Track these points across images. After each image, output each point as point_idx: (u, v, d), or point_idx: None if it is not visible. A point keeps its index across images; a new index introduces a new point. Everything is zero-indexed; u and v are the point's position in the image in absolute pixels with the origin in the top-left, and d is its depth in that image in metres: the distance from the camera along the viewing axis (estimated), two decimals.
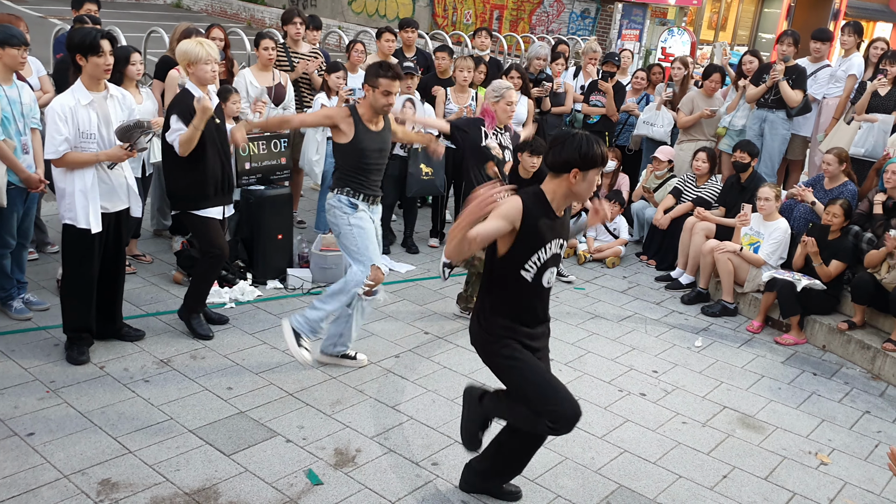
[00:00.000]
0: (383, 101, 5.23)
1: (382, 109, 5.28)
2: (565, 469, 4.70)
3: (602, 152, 3.75)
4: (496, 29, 19.94)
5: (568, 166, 3.71)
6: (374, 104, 5.25)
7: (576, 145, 3.70)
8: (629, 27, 18.92)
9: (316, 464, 4.53)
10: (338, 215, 5.34)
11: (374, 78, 5.18)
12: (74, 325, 5.36)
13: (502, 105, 6.25)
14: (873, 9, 27.65)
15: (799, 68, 8.37)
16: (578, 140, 3.72)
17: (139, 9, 26.41)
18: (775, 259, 7.26)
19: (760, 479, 4.81)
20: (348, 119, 5.24)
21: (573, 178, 3.72)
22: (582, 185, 3.75)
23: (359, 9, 23.94)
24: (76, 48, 4.92)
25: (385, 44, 8.87)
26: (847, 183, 7.40)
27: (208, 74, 5.49)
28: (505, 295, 3.88)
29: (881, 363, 6.36)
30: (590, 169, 3.73)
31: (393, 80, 5.17)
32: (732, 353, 6.57)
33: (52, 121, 4.90)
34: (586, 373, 5.93)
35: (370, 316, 6.46)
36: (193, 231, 5.91)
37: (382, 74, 5.15)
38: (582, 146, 3.70)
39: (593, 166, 3.74)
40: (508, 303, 3.88)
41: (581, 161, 3.70)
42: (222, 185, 5.72)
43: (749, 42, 23.59)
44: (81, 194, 5.06)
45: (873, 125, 7.83)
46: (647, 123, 9.21)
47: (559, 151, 3.74)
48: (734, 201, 7.78)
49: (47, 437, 4.52)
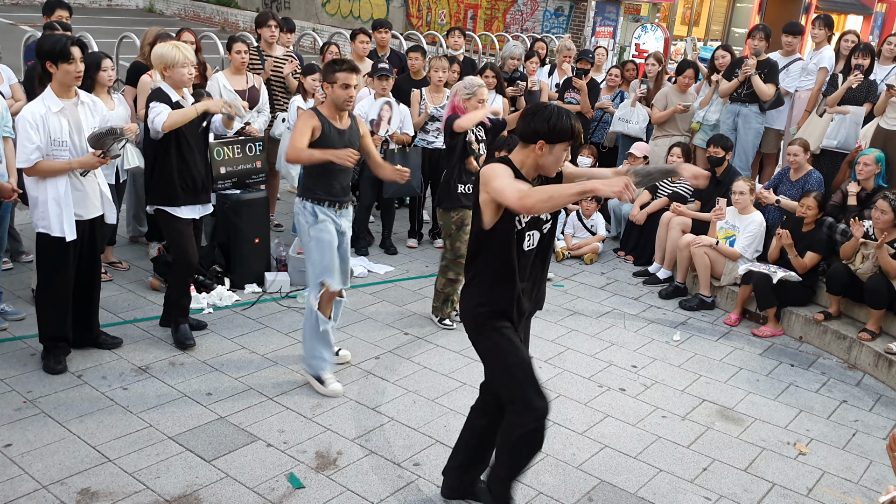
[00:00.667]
0: (343, 95, 5.13)
1: (344, 104, 5.18)
2: (546, 465, 4.72)
3: (572, 126, 3.62)
4: (470, 28, 19.95)
5: (535, 136, 3.63)
6: (335, 100, 5.17)
7: (545, 116, 3.61)
8: (603, 24, 18.99)
9: (297, 467, 4.52)
10: (301, 223, 5.29)
11: (331, 74, 5.12)
12: (51, 334, 5.32)
13: (474, 103, 6.20)
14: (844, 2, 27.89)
15: (771, 62, 8.44)
16: (549, 111, 3.63)
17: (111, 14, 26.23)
18: (751, 252, 7.32)
19: (740, 471, 4.85)
20: (313, 120, 5.15)
21: (539, 149, 3.65)
22: (548, 157, 3.67)
23: (333, 10, 23.89)
24: (46, 55, 4.89)
25: (359, 45, 8.87)
26: (812, 171, 7.51)
27: (185, 77, 5.49)
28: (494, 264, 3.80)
29: (857, 353, 6.43)
30: (556, 142, 3.64)
31: (350, 72, 5.10)
32: (710, 346, 6.61)
33: (23, 129, 4.86)
34: (566, 369, 5.96)
35: (348, 317, 6.47)
36: (164, 233, 5.89)
37: (338, 69, 5.09)
38: (551, 118, 3.61)
39: (560, 140, 3.64)
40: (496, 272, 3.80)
41: (548, 133, 3.61)
42: (195, 183, 5.68)
43: (722, 37, 23.75)
44: (55, 202, 5.02)
45: (845, 117, 7.91)
46: (623, 120, 9.26)
47: (529, 121, 3.66)
48: (710, 195, 7.83)
49: (25, 447, 4.49)
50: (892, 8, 30.75)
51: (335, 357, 5.62)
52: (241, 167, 7.03)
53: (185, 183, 5.64)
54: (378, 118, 7.67)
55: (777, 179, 7.82)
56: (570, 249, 8.50)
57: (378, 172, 5.65)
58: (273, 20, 8.11)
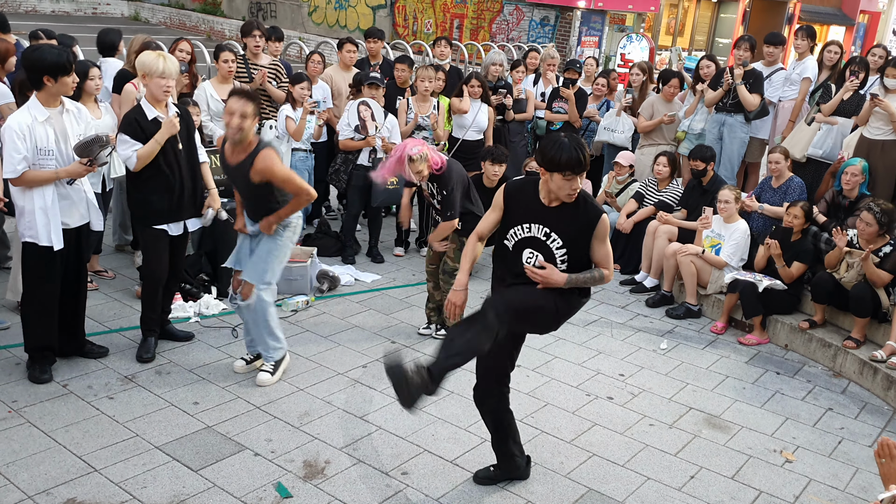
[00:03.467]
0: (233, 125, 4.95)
1: (233, 135, 5.00)
2: (534, 474, 4.72)
3: (567, 160, 3.84)
4: (456, 38, 20.01)
5: (540, 164, 3.98)
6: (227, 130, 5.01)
7: (546, 147, 3.93)
8: (588, 34, 19.09)
9: (285, 477, 4.50)
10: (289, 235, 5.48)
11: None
12: (36, 343, 5.28)
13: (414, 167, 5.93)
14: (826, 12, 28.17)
15: (756, 72, 8.50)
16: (551, 142, 3.93)
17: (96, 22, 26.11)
18: (736, 260, 7.36)
19: (727, 479, 4.87)
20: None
21: (544, 174, 3.98)
22: (551, 183, 3.97)
23: (319, 19, 23.91)
24: (49, 69, 4.83)
25: (346, 55, 8.89)
26: (793, 177, 7.60)
27: (160, 90, 5.33)
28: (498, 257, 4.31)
29: (842, 360, 6.47)
30: (552, 171, 3.91)
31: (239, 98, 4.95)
32: (697, 354, 6.64)
33: (9, 140, 4.83)
34: (553, 378, 5.96)
35: (335, 326, 6.46)
36: (140, 241, 5.85)
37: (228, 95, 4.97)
38: (547, 149, 3.92)
39: (554, 170, 3.90)
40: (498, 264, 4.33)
41: (543, 162, 3.94)
42: (181, 199, 5.58)
43: (706, 47, 23.92)
44: (42, 212, 5.00)
45: (832, 127, 7.99)
46: (608, 129, 9.29)
47: (539, 149, 4.04)
48: (696, 203, 7.87)
49: (10, 457, 4.46)
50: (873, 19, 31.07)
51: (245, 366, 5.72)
52: None
53: (166, 201, 5.50)
54: (361, 121, 7.67)
55: (760, 188, 7.88)
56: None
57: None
58: (258, 29, 8.11)
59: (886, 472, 2.95)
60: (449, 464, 4.76)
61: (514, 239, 4.14)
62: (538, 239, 4.09)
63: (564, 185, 3.93)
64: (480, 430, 5.13)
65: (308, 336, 6.34)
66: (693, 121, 8.90)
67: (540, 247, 4.10)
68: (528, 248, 4.11)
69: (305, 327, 6.49)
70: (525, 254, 4.12)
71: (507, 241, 4.18)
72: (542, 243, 4.09)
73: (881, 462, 2.97)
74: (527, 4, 19.36)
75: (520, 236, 4.12)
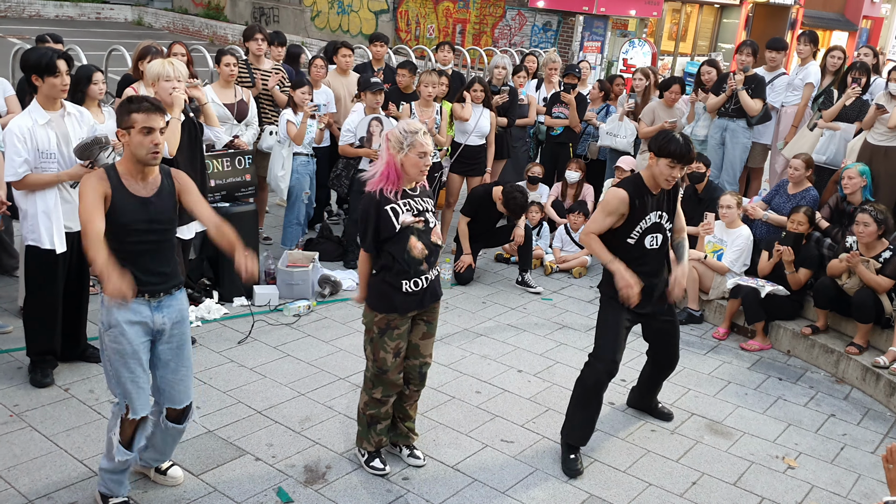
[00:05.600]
0: (147, 144, 3.74)
1: (147, 157, 3.77)
2: (535, 480, 4.71)
3: (675, 149, 4.51)
4: (459, 43, 20.04)
5: (651, 149, 4.69)
6: (135, 151, 3.76)
7: (660, 136, 4.64)
8: (591, 39, 19.11)
9: (286, 481, 4.50)
10: (100, 328, 3.93)
11: (126, 116, 3.73)
12: (38, 347, 5.29)
13: (411, 156, 4.35)
14: (829, 18, 28.19)
15: (758, 78, 8.50)
16: (665, 134, 4.65)
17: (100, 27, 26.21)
18: (739, 266, 7.35)
19: (729, 485, 4.86)
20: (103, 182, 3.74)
21: (652, 158, 4.65)
22: (655, 168, 4.63)
23: (322, 24, 23.96)
24: (32, 68, 4.88)
25: (342, 59, 8.87)
26: (810, 188, 7.52)
27: (166, 93, 5.44)
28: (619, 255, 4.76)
29: (845, 367, 6.46)
30: (661, 157, 4.58)
31: (150, 112, 3.73)
32: (699, 360, 6.63)
33: (10, 143, 4.85)
34: (555, 383, 5.96)
35: (336, 329, 6.45)
36: None
37: (135, 109, 3.73)
38: (661, 138, 4.62)
39: (663, 156, 4.57)
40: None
41: (655, 148, 4.62)
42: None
43: (709, 52, 23.92)
44: (44, 215, 5.01)
45: (835, 133, 7.98)
46: (610, 134, 9.30)
47: (653, 138, 4.72)
48: (692, 212, 7.86)
49: (11, 461, 4.45)
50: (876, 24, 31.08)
51: (162, 477, 4.40)
52: (231, 180, 7.02)
53: None
54: (368, 134, 7.68)
55: (775, 191, 7.82)
56: (559, 263, 8.52)
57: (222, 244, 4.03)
58: (260, 34, 8.12)
59: (894, 477, 2.95)
60: (450, 469, 4.75)
61: (640, 231, 4.73)
62: (658, 224, 4.77)
63: (665, 171, 4.58)
64: (482, 435, 5.14)
65: (309, 341, 6.34)
66: (696, 126, 8.90)
67: (658, 229, 4.79)
68: (650, 235, 4.77)
69: (307, 332, 6.49)
70: (647, 240, 4.77)
71: (632, 237, 4.73)
72: (660, 226, 4.79)
73: (889, 468, 2.97)
74: (529, 9, 19.39)
75: (644, 227, 4.73)
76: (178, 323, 4.01)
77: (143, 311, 3.85)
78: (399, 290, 4.37)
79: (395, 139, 4.33)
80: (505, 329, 6.91)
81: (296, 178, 7.78)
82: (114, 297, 3.52)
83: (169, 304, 3.94)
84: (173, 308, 3.97)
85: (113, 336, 3.81)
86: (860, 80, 7.93)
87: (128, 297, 3.53)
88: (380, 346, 4.47)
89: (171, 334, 3.99)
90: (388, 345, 4.46)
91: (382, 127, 7.72)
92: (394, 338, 4.45)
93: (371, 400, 4.59)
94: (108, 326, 3.82)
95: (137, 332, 3.85)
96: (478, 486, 4.61)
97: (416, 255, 4.36)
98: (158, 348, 3.99)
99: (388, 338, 4.45)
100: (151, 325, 3.89)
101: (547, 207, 9.11)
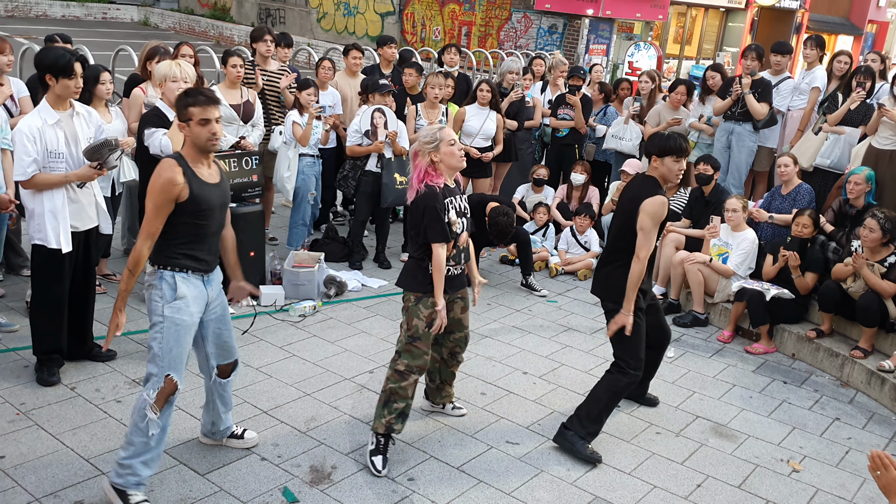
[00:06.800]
0: (205, 134, 4.04)
1: (207, 145, 4.07)
2: (541, 482, 4.72)
3: (674, 144, 4.83)
4: (465, 45, 20.05)
5: (649, 154, 4.96)
6: (195, 141, 4.06)
7: (654, 138, 4.98)
8: (596, 42, 19.12)
9: (291, 481, 4.51)
10: (154, 299, 4.13)
11: (184, 109, 4.03)
12: (45, 346, 5.30)
13: (445, 149, 4.59)
14: (834, 22, 28.17)
15: (764, 81, 8.50)
16: (657, 135, 5.01)
17: (106, 27, 26.28)
18: (744, 269, 7.35)
19: (734, 488, 4.86)
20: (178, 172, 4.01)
21: (655, 160, 4.89)
22: (663, 168, 4.89)
23: (328, 26, 24.00)
24: (48, 68, 4.90)
25: (352, 61, 8.91)
26: (801, 184, 7.58)
27: (173, 93, 5.54)
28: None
29: (849, 370, 6.45)
30: (663, 156, 4.85)
31: (205, 105, 4.01)
32: (704, 362, 6.63)
33: (20, 142, 4.87)
34: (560, 385, 5.96)
35: (342, 331, 6.47)
36: None
37: (191, 103, 4.02)
38: (655, 139, 4.95)
39: (665, 154, 4.84)
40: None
41: (655, 150, 4.89)
42: None
43: (714, 56, 23.92)
44: (52, 215, 5.03)
45: (840, 137, 7.98)
46: (616, 137, 9.30)
47: (648, 142, 5.13)
48: (699, 215, 7.87)
49: (18, 459, 4.47)
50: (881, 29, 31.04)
51: (239, 441, 4.78)
52: (238, 181, 7.03)
53: None
54: (373, 127, 7.69)
55: (770, 197, 7.86)
56: (564, 265, 8.52)
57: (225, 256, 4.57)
58: (268, 34, 8.15)
59: (885, 483, 2.92)
60: (455, 470, 4.76)
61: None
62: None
63: (674, 166, 4.86)
64: (487, 436, 5.14)
65: (315, 341, 6.35)
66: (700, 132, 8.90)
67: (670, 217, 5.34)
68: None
69: (312, 332, 6.51)
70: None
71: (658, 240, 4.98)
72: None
73: (877, 475, 2.95)
74: (535, 12, 19.40)
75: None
76: (220, 293, 4.41)
77: (200, 286, 4.20)
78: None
79: (424, 144, 4.61)
80: (510, 331, 6.91)
81: (302, 178, 7.80)
82: None
83: (215, 277, 4.35)
84: (216, 281, 4.36)
85: (177, 307, 4.09)
86: (865, 85, 7.94)
87: None
88: (414, 314, 4.72)
89: (217, 303, 4.36)
90: (422, 312, 4.70)
91: (385, 118, 7.73)
92: (428, 305, 4.69)
93: (394, 374, 4.75)
94: (173, 298, 4.08)
95: (199, 306, 4.20)
96: (483, 488, 4.61)
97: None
98: (205, 318, 4.33)
99: (422, 305, 4.70)
100: (206, 297, 4.25)
101: (552, 209, 9.11)
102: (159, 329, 4.10)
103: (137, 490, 4.11)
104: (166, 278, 4.08)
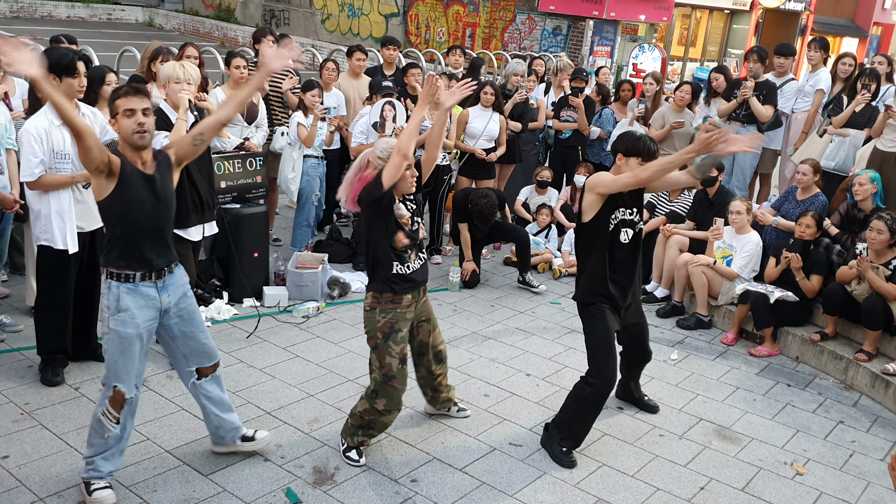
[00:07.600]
0: (131, 126, 3.89)
1: (133, 138, 3.90)
2: (544, 484, 4.72)
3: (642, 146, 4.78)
4: (469, 46, 20.05)
5: (615, 151, 4.95)
6: (122, 134, 3.94)
7: (624, 136, 4.93)
8: (600, 44, 19.11)
9: (294, 482, 4.51)
10: (102, 309, 4.04)
11: (111, 104, 3.96)
12: (49, 346, 5.31)
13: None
14: (839, 24, 28.14)
15: (769, 84, 8.50)
16: (628, 135, 4.93)
17: (111, 28, 26.32)
18: (748, 272, 7.34)
19: (737, 491, 4.85)
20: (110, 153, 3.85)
21: (620, 159, 4.86)
22: (626, 168, 4.81)
23: (332, 27, 24.01)
24: (52, 68, 4.90)
25: (356, 62, 8.92)
26: (819, 194, 7.51)
27: (176, 94, 5.54)
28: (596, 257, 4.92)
29: (854, 373, 6.44)
30: (629, 157, 4.81)
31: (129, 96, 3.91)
32: (708, 365, 6.62)
33: (26, 143, 4.88)
34: (564, 387, 5.95)
35: (344, 331, 6.46)
36: None
37: (115, 96, 3.96)
38: (625, 138, 4.90)
39: (632, 155, 4.81)
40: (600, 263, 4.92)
41: (623, 149, 4.86)
42: (202, 202, 5.77)
43: (718, 58, 23.91)
44: (58, 215, 5.04)
45: (845, 139, 7.97)
46: None
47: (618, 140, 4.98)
48: (703, 217, 7.86)
49: (22, 459, 4.48)
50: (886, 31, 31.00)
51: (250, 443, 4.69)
52: (241, 182, 7.04)
53: (194, 202, 5.71)
54: (382, 119, 7.69)
55: (784, 197, 7.81)
56: (568, 267, 8.52)
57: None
58: (270, 35, 8.15)
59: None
60: (458, 472, 4.76)
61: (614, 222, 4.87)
62: (630, 220, 4.90)
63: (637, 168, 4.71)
64: (490, 438, 5.14)
65: (318, 342, 6.36)
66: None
67: (630, 225, 4.90)
68: (623, 229, 4.89)
69: (316, 333, 6.51)
70: (621, 235, 4.90)
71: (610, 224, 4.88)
72: (632, 223, 4.91)
73: (895, 474, 2.97)
74: (539, 14, 19.39)
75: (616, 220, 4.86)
76: (183, 297, 4.20)
77: (151, 293, 4.04)
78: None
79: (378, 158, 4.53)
80: (513, 332, 6.91)
81: (306, 180, 7.81)
82: None
83: (171, 283, 4.13)
84: (175, 285, 4.16)
85: (121, 320, 3.96)
86: (870, 87, 7.92)
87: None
88: (385, 352, 4.57)
89: (178, 308, 4.18)
90: (393, 349, 4.58)
91: (395, 112, 7.73)
92: (398, 341, 4.59)
93: (371, 409, 4.67)
94: (116, 311, 3.96)
95: (146, 315, 4.03)
96: (486, 489, 4.61)
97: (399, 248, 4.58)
98: (169, 324, 4.18)
99: (392, 342, 4.57)
100: (159, 305, 4.08)
101: (556, 211, 9.11)
102: (106, 341, 4.04)
103: (100, 480, 4.18)
104: (112, 289, 3.97)
